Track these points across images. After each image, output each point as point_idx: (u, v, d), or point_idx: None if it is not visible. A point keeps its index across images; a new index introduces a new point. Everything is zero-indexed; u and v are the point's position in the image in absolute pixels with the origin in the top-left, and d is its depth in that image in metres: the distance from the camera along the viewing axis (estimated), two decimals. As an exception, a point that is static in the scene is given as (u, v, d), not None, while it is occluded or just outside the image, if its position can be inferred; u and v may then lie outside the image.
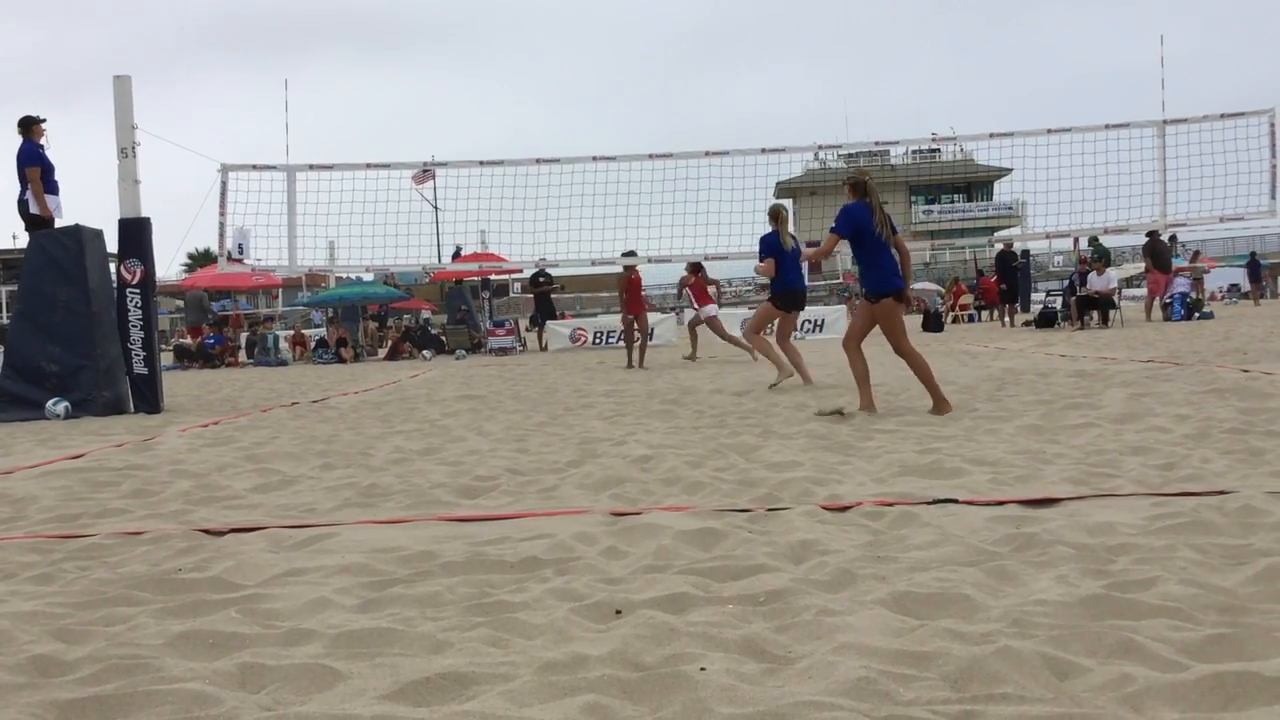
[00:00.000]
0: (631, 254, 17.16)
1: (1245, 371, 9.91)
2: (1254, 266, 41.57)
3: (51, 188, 11.97)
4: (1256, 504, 4.15)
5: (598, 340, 26.48)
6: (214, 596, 3.51)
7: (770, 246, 10.97)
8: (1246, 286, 43.46)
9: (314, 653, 2.88)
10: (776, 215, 11.17)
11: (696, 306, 17.39)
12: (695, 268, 17.22)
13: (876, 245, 8.05)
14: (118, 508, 5.37)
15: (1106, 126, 15.57)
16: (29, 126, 11.93)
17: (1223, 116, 14.93)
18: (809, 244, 12.11)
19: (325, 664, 2.74)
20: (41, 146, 11.94)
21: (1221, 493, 4.43)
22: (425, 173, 23.52)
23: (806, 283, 11.76)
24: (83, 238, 11.56)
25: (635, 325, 16.61)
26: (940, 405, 7.83)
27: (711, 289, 17.81)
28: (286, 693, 2.61)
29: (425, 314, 37.09)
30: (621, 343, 26.35)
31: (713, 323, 16.92)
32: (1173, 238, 40.64)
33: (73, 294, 11.39)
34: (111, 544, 4.45)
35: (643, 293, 17.76)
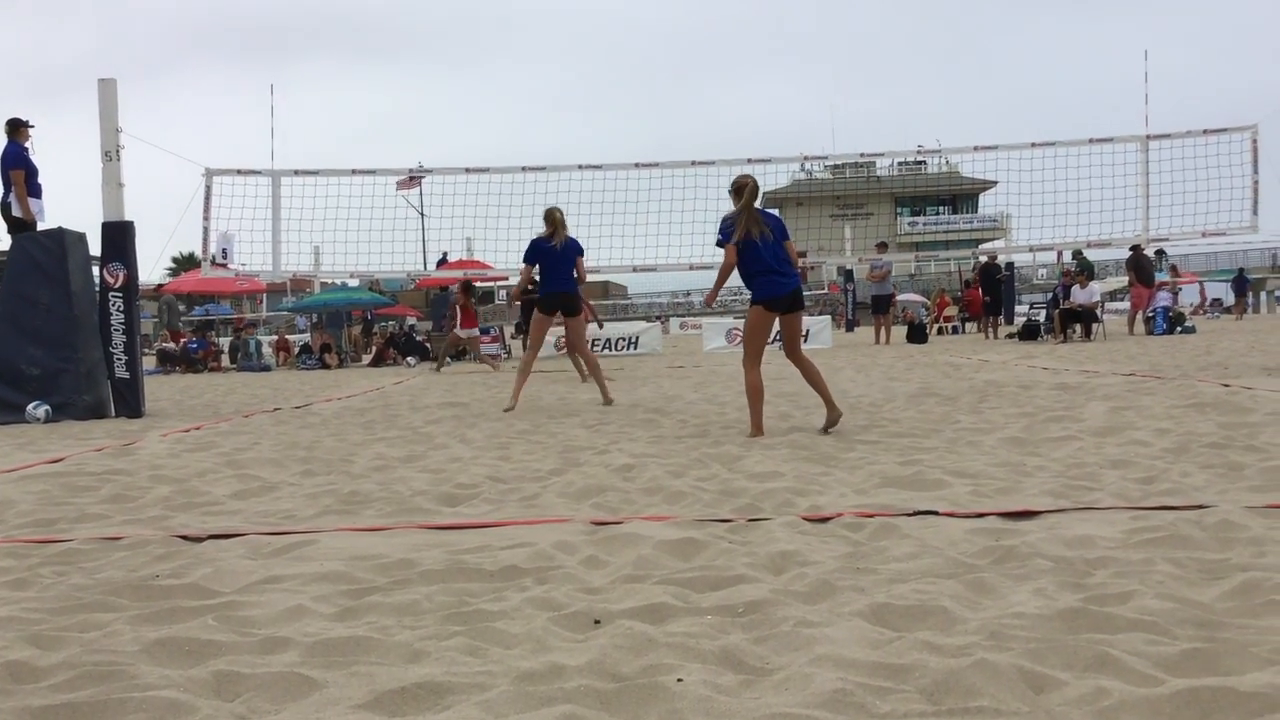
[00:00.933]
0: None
1: (1226, 386, 9.96)
2: (1240, 282, 41.98)
3: (35, 191, 11.92)
4: (1235, 519, 4.17)
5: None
6: (191, 603, 3.49)
7: (535, 252, 10.58)
8: (1228, 301, 43.85)
9: (290, 661, 2.86)
10: (551, 218, 10.63)
11: (460, 328, 17.14)
12: (465, 288, 17.19)
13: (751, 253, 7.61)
14: (96, 513, 5.34)
15: (1090, 141, 15.67)
16: (15, 129, 11.88)
17: (1205, 132, 15.04)
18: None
19: (301, 672, 2.72)
20: (26, 149, 11.89)
21: (1200, 507, 4.45)
22: (412, 179, 23.51)
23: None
24: (66, 240, 11.51)
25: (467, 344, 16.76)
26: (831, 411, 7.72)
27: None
28: (261, 701, 2.59)
29: (410, 320, 37.03)
30: (608, 351, 26.40)
31: (473, 343, 16.94)
32: (1159, 252, 40.98)
33: (55, 297, 11.34)
34: (89, 549, 4.42)
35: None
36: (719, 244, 7.74)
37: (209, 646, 3.00)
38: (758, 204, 7.80)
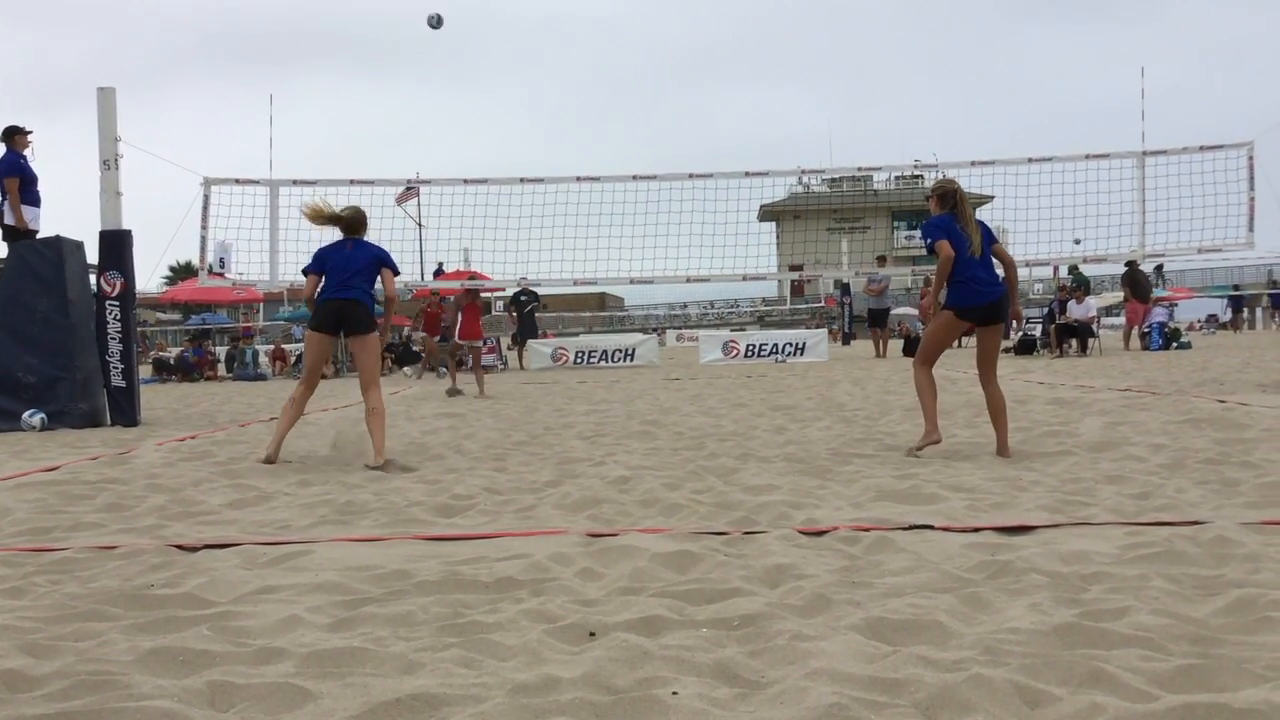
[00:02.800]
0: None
1: (1221, 402, 9.98)
2: (1238, 300, 42.44)
3: (32, 199, 11.90)
4: (1230, 535, 4.17)
5: (579, 359, 26.45)
6: (185, 613, 3.49)
7: (316, 259, 8.03)
8: (1224, 316, 44.19)
9: (284, 672, 2.86)
10: (343, 217, 8.17)
11: (460, 336, 16.74)
12: (472, 294, 16.96)
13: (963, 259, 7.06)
14: (91, 521, 5.33)
15: (1087, 156, 15.67)
16: (11, 136, 11.87)
17: (1202, 149, 15.05)
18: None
19: (295, 683, 2.72)
20: (24, 157, 11.89)
21: (1195, 523, 4.46)
22: (409, 190, 23.52)
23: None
24: (63, 249, 11.50)
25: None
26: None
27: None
28: (256, 712, 2.59)
29: (407, 330, 37.03)
30: (605, 363, 26.40)
31: (474, 354, 16.66)
32: (1159, 268, 41.26)
33: (51, 305, 11.33)
34: (84, 558, 4.41)
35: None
36: (930, 247, 7.10)
37: (203, 656, 2.99)
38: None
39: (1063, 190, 15.87)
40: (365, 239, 8.31)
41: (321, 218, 8.19)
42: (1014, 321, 8.09)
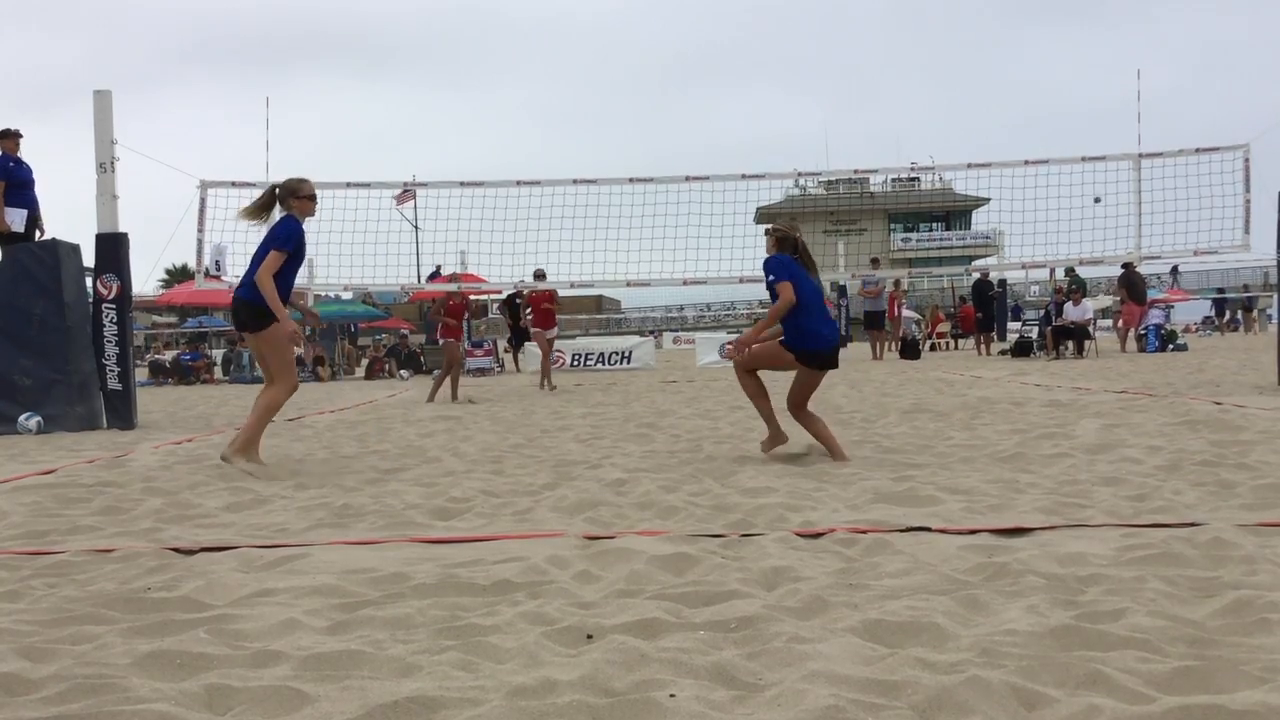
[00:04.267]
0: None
1: (1218, 404, 9.99)
2: (1221, 303, 42.94)
3: (18, 201, 11.87)
4: (1226, 537, 4.18)
5: (576, 362, 26.46)
6: (183, 616, 3.48)
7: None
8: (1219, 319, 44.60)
9: (282, 674, 2.86)
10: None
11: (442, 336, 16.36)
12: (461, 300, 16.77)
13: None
14: (88, 524, 5.33)
15: (1083, 159, 15.69)
16: (1, 138, 11.86)
17: (1198, 151, 15.07)
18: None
19: (293, 686, 2.72)
20: (14, 160, 11.87)
21: (1192, 525, 4.46)
22: (406, 192, 23.51)
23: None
24: (59, 252, 11.51)
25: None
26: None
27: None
28: (253, 715, 2.59)
29: (404, 333, 37.04)
30: (601, 365, 26.39)
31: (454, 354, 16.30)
32: (1175, 269, 41.60)
33: (48, 308, 11.33)
34: (81, 561, 4.41)
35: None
36: (770, 285, 7.05)
37: (201, 659, 2.99)
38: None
39: (1059, 192, 15.90)
40: (282, 217, 7.33)
41: (251, 213, 7.46)
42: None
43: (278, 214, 7.42)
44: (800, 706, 2.49)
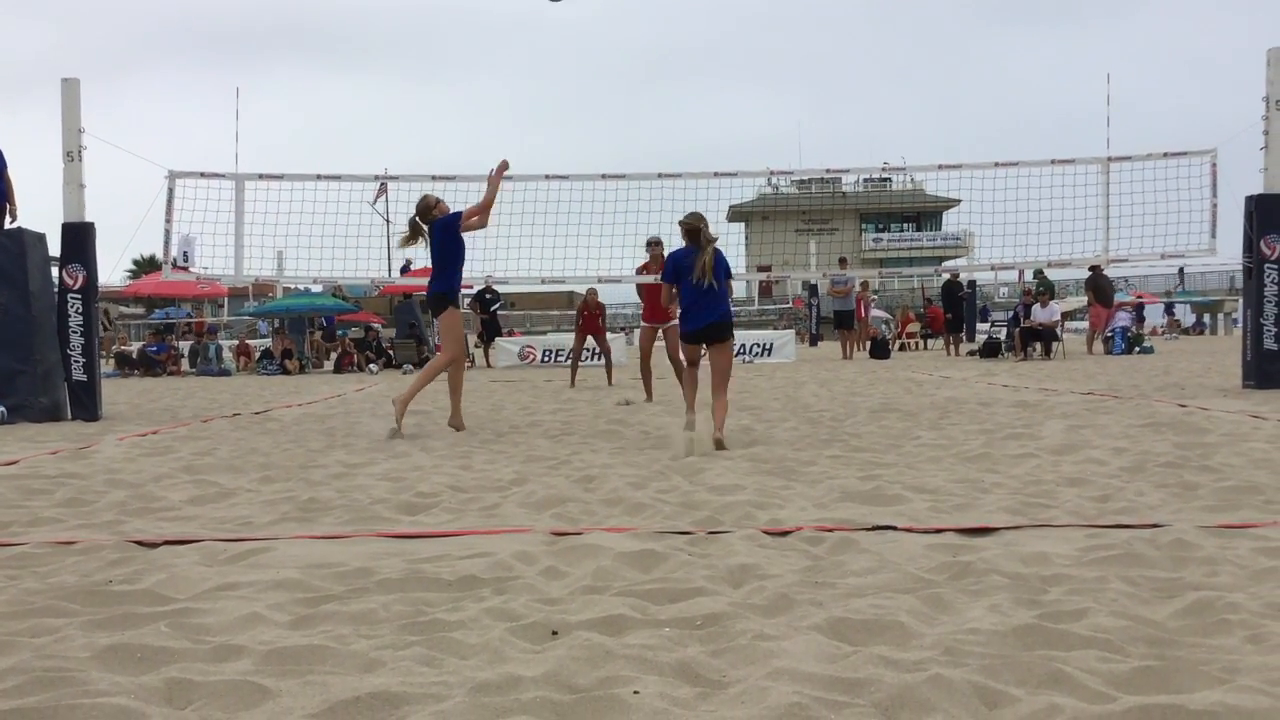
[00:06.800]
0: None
1: (1182, 406, 10.08)
2: (1170, 306, 43.88)
3: None
4: (1188, 538, 4.22)
5: (546, 358, 26.40)
6: (144, 609, 3.45)
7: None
8: (1186, 322, 45.22)
9: (243, 669, 2.84)
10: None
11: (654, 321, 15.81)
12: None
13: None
14: (50, 516, 5.28)
15: (1053, 162, 15.76)
16: None
17: (1166, 155, 15.17)
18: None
19: (254, 681, 2.70)
20: None
21: (1155, 526, 4.50)
22: (380, 188, 23.38)
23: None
24: (25, 241, 11.38)
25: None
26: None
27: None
28: (213, 710, 2.57)
29: (376, 327, 36.88)
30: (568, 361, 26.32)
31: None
32: (1180, 270, 42.24)
33: (12, 297, 11.20)
34: (42, 553, 4.37)
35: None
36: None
37: (161, 653, 2.96)
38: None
39: (1029, 195, 15.96)
40: (438, 221, 9.32)
41: (406, 242, 9.62)
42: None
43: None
44: (764, 704, 2.49)
